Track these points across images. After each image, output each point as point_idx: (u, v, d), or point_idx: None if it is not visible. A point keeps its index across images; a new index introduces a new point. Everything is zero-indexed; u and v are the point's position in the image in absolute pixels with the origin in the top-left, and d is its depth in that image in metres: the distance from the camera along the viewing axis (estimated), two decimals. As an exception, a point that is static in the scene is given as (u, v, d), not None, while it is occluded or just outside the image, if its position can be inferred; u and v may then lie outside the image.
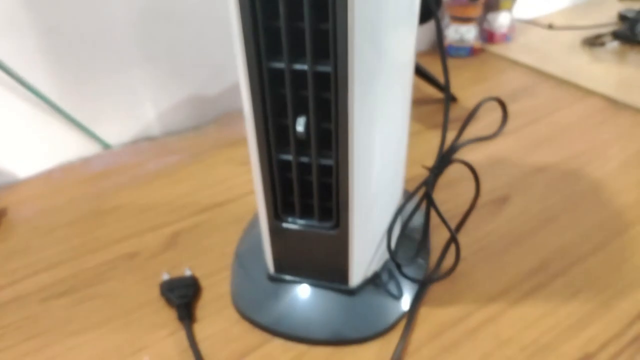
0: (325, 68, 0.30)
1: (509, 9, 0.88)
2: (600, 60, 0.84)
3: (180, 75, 0.68)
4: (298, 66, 0.31)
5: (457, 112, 0.71)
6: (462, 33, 0.85)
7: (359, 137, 0.33)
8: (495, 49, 0.89)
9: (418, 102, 0.74)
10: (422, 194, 0.42)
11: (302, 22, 0.29)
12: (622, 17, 1.00)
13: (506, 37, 0.91)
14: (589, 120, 0.68)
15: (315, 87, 0.31)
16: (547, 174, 0.58)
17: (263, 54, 0.31)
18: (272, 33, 0.30)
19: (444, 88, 0.40)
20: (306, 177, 0.36)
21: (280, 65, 0.31)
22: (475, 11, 0.84)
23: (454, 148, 0.42)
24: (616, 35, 0.90)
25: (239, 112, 0.73)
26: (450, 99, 0.45)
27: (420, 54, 0.89)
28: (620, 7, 1.05)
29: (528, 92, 0.76)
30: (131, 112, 0.67)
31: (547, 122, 0.67)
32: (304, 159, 0.35)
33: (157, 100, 0.68)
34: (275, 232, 0.41)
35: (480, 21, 0.89)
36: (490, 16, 0.89)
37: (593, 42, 0.88)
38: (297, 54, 0.31)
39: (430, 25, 0.88)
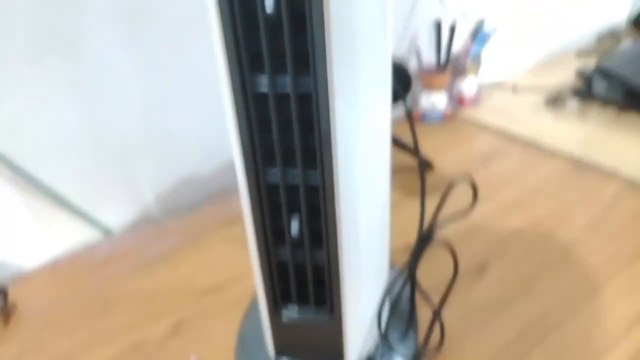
0: (314, 181, 0.35)
1: (475, 74, 0.95)
2: (563, 119, 0.90)
3: (176, 156, 0.73)
4: (290, 177, 0.36)
5: (434, 179, 0.76)
6: (434, 101, 0.91)
7: (347, 235, 0.38)
8: (466, 112, 0.95)
9: (397, 170, 0.79)
10: (406, 274, 0.46)
11: (292, 135, 0.34)
12: (580, 74, 1.08)
13: (474, 101, 0.97)
14: (556, 182, 0.73)
15: (306, 196, 0.36)
16: (521, 239, 0.63)
17: (260, 166, 0.36)
18: (267, 146, 0.35)
19: (420, 167, 0.45)
20: (301, 272, 0.40)
21: (274, 175, 0.36)
22: (444, 80, 0.90)
23: (431, 229, 0.46)
24: (575, 93, 0.97)
25: (232, 189, 0.77)
26: (424, 181, 0.50)
27: (396, 123, 0.94)
28: (578, 64, 1.13)
29: (498, 155, 0.81)
30: (130, 195, 0.71)
31: (518, 187, 0.73)
32: (299, 257, 0.39)
33: (155, 181, 0.72)
34: (275, 321, 0.44)
35: (450, 87, 0.95)
36: (459, 82, 0.96)
37: (554, 101, 0.95)
38: (289, 166, 0.35)
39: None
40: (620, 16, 1.40)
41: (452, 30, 0.88)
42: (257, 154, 0.35)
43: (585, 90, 0.97)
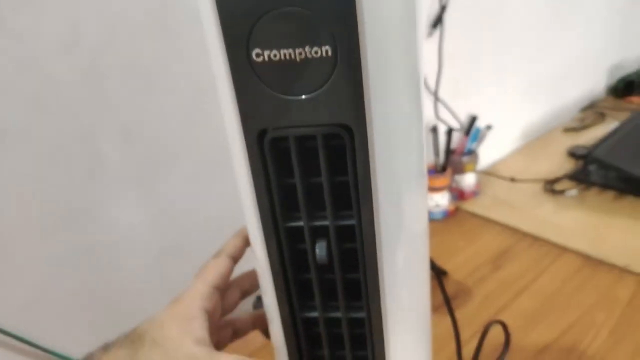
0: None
1: (473, 170, 0.97)
2: (564, 208, 0.92)
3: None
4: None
5: (452, 287, 0.76)
6: (437, 200, 0.93)
7: None
8: (468, 206, 0.97)
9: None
10: None
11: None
12: (572, 155, 1.11)
13: (475, 193, 0.99)
14: (571, 284, 0.74)
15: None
16: (548, 357, 0.62)
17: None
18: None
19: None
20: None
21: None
22: (445, 181, 0.92)
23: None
24: (572, 178, 0.99)
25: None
26: (456, 322, 0.51)
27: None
28: (567, 143, 1.16)
29: (508, 255, 0.82)
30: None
31: (534, 292, 0.73)
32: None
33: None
34: None
35: (450, 183, 0.97)
36: (458, 177, 0.98)
37: (553, 189, 0.97)
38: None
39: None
40: (599, 88, 1.46)
41: (449, 133, 0.91)
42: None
43: (581, 176, 0.99)
